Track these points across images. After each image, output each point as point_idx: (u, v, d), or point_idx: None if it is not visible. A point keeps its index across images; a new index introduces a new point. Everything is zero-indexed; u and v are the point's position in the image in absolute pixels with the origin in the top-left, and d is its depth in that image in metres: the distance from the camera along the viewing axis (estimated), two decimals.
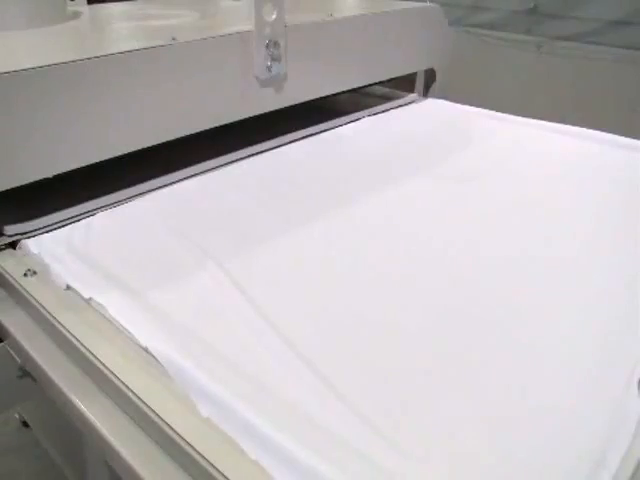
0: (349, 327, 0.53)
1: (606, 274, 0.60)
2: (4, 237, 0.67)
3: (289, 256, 0.64)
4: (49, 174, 0.66)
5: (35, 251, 0.64)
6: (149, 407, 0.44)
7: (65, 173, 0.68)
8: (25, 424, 1.08)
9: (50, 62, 0.63)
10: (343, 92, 1.08)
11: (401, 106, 1.18)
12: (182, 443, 0.41)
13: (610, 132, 0.89)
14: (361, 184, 0.82)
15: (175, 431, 0.42)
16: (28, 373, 0.60)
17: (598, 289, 0.58)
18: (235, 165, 0.88)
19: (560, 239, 0.67)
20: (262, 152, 0.92)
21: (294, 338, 0.51)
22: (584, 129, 0.97)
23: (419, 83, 1.26)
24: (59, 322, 0.53)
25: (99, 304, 0.55)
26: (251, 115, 0.88)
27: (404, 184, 0.82)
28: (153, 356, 0.48)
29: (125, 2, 1.21)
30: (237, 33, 0.81)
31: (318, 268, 0.62)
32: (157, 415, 0.43)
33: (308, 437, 0.41)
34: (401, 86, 1.25)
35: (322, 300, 0.57)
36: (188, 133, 0.80)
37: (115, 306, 0.54)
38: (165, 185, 0.80)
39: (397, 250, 0.66)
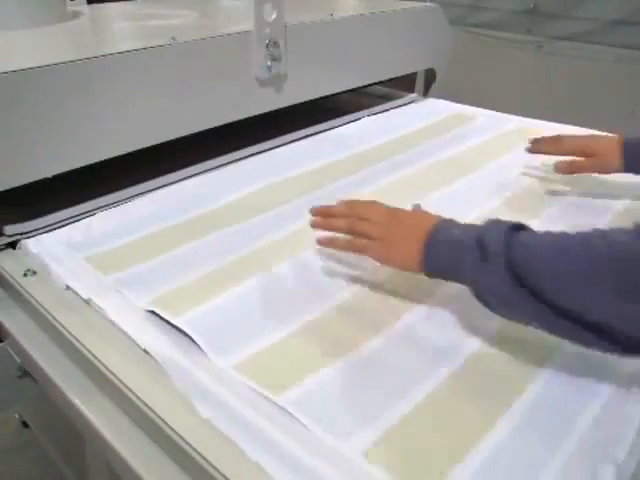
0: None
1: None
2: (4, 237, 0.67)
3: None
4: (49, 174, 0.66)
5: (35, 251, 0.64)
6: (149, 407, 0.44)
7: (65, 173, 0.68)
8: (25, 424, 1.08)
9: (50, 62, 0.63)
10: (343, 92, 1.08)
11: (401, 106, 1.18)
12: (182, 443, 0.41)
13: (610, 132, 0.89)
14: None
15: (175, 432, 0.42)
16: (28, 373, 0.60)
17: None
18: (235, 165, 0.88)
19: None
20: (262, 152, 0.92)
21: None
22: (583, 129, 0.97)
23: (419, 83, 1.26)
24: (59, 322, 0.53)
25: (98, 304, 0.55)
26: (251, 115, 0.88)
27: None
28: (152, 356, 0.48)
29: (125, 2, 1.21)
30: (237, 33, 0.81)
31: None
32: (157, 416, 0.43)
33: (308, 438, 0.41)
34: (401, 86, 1.25)
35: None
36: (188, 133, 0.80)
37: (114, 307, 0.55)
38: (165, 185, 0.80)
39: None
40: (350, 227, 0.56)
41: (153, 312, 0.53)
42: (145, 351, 0.49)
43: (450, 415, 0.44)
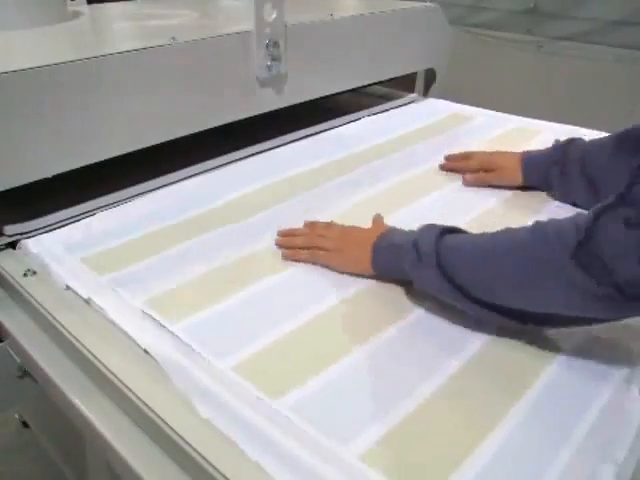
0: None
1: None
2: (4, 237, 0.67)
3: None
4: (49, 174, 0.66)
5: (35, 251, 0.64)
6: (149, 407, 0.44)
7: (65, 173, 0.68)
8: (25, 424, 1.08)
9: (50, 62, 0.63)
10: (343, 92, 1.08)
11: (401, 106, 1.19)
12: (182, 443, 0.41)
13: (609, 132, 0.89)
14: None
15: (175, 432, 0.42)
16: (28, 373, 0.60)
17: None
18: (235, 165, 0.88)
19: None
20: (262, 152, 0.92)
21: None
22: (582, 129, 0.97)
23: (419, 83, 1.26)
24: (59, 322, 0.53)
25: (98, 304, 0.55)
26: (251, 115, 0.88)
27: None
28: (152, 356, 0.48)
29: (125, 2, 1.21)
30: (237, 33, 0.81)
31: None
32: (157, 416, 0.43)
33: (308, 437, 0.41)
34: (401, 86, 1.25)
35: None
36: (188, 133, 0.80)
37: (114, 307, 0.55)
38: (165, 185, 0.80)
39: None
40: (309, 243, 0.64)
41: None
42: (145, 351, 0.49)
43: (450, 417, 0.44)
